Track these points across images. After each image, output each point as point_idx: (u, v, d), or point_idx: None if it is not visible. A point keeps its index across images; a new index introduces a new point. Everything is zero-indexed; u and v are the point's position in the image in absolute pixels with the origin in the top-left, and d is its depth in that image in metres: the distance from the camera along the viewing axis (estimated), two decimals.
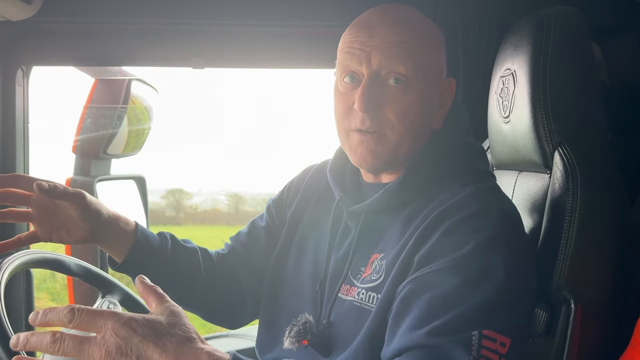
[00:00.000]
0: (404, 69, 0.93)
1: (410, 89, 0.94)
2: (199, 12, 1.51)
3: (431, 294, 0.83)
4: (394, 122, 0.94)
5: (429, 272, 0.85)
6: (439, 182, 0.96)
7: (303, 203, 1.18)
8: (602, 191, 0.97)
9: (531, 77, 1.02)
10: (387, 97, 0.94)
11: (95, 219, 1.05)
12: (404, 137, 0.95)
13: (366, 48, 0.94)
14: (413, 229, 0.92)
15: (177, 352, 0.67)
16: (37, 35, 1.55)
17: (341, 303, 0.99)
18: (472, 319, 0.80)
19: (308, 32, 1.57)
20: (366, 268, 0.98)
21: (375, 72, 0.94)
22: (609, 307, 0.97)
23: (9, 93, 1.57)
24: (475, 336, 0.79)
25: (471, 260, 0.84)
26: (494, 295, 0.82)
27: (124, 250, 1.10)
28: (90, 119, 1.95)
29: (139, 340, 0.66)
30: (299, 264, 1.13)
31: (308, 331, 0.99)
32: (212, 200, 8.73)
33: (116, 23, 1.53)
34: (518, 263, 0.87)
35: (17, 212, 1.07)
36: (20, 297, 1.63)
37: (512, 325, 0.83)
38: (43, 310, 0.67)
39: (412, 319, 0.82)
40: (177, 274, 1.15)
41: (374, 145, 0.95)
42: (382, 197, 0.98)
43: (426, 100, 0.96)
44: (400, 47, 0.93)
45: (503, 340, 0.80)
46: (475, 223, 0.87)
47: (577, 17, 1.04)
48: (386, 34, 0.94)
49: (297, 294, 1.09)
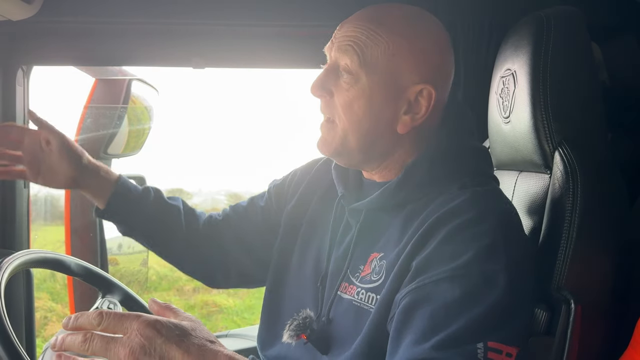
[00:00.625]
0: (349, 62, 0.95)
1: (356, 83, 0.95)
2: (199, 12, 1.50)
3: (433, 306, 0.82)
4: (340, 111, 0.98)
5: (430, 282, 0.85)
6: (438, 184, 0.96)
7: (306, 198, 1.18)
8: (602, 191, 0.97)
9: (531, 78, 1.02)
10: (337, 86, 0.98)
11: (76, 164, 1.20)
12: (349, 129, 0.97)
13: (333, 40, 0.99)
14: (412, 233, 0.92)
15: (199, 353, 0.70)
16: (37, 35, 1.55)
17: (340, 301, 0.99)
18: (476, 330, 0.80)
19: (308, 32, 1.57)
20: (365, 267, 0.98)
21: (334, 62, 0.98)
22: (609, 307, 0.97)
23: (9, 93, 1.57)
24: (481, 349, 0.79)
25: (471, 270, 0.83)
26: (496, 304, 0.81)
27: (105, 198, 1.22)
28: (91, 119, 1.95)
29: (163, 341, 0.69)
30: (302, 260, 1.13)
31: (308, 326, 0.99)
32: (212, 200, 8.71)
33: (117, 23, 1.53)
34: (518, 268, 0.86)
35: (14, 170, 1.22)
36: (20, 297, 1.63)
37: (516, 332, 0.82)
38: (74, 315, 0.73)
39: (416, 331, 0.82)
40: (155, 226, 1.25)
41: (325, 132, 1.01)
42: (381, 196, 0.98)
43: (374, 99, 0.95)
44: (350, 41, 0.95)
45: (509, 350, 0.80)
46: (473, 230, 0.86)
47: (577, 18, 1.04)
48: (347, 28, 0.97)
49: (299, 291, 1.10)
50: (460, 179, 0.95)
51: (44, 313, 4.66)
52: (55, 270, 1.25)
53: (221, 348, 0.72)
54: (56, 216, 5.36)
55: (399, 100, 0.96)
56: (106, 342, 0.70)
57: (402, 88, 0.96)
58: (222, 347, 0.73)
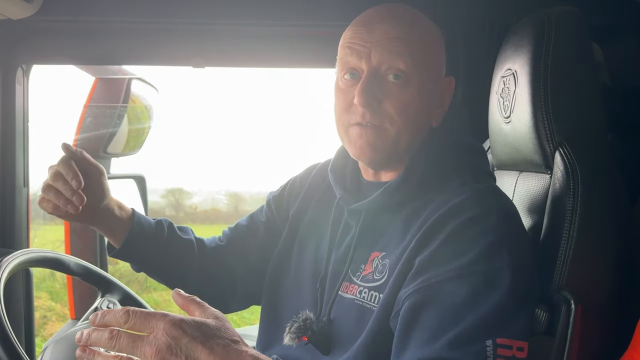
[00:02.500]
0: (403, 65, 0.94)
1: (409, 84, 0.95)
2: (199, 11, 1.50)
3: (441, 306, 0.83)
4: (393, 116, 0.95)
5: (436, 281, 0.85)
6: (438, 182, 0.97)
7: (306, 202, 1.19)
8: (602, 191, 0.97)
9: (532, 78, 1.02)
10: (387, 92, 0.95)
11: (100, 200, 1.12)
12: (403, 132, 0.96)
13: (366, 44, 0.95)
14: (415, 230, 0.92)
15: (224, 353, 0.70)
16: (37, 33, 1.55)
17: (341, 301, 0.99)
18: (483, 328, 0.81)
19: (308, 32, 1.57)
20: (366, 266, 0.98)
21: (375, 68, 0.95)
22: (609, 307, 0.97)
23: (9, 92, 1.57)
24: (490, 346, 0.79)
25: (476, 268, 0.84)
26: (502, 301, 0.82)
27: (119, 237, 1.16)
28: (91, 118, 1.95)
29: (188, 341, 0.69)
30: (300, 262, 1.13)
31: (308, 328, 0.99)
32: (211, 200, 8.73)
33: (116, 22, 1.53)
34: (522, 264, 0.87)
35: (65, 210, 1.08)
36: (19, 296, 1.62)
37: (525, 328, 0.83)
38: (101, 313, 0.73)
39: (425, 331, 0.83)
40: (170, 262, 1.21)
41: (373, 138, 0.96)
42: (382, 196, 0.99)
43: (425, 96, 0.97)
44: (399, 43, 0.94)
45: (520, 345, 0.81)
46: (477, 227, 0.87)
47: (578, 18, 1.04)
48: (386, 30, 0.95)
49: (298, 292, 1.10)
50: (460, 177, 0.96)
51: (44, 312, 4.66)
52: (55, 270, 1.25)
53: (246, 348, 0.72)
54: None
55: (435, 95, 1.00)
56: (133, 340, 0.70)
57: (438, 82, 1.00)
58: (246, 347, 0.73)
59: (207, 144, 9.86)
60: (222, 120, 10.70)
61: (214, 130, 10.01)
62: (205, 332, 0.71)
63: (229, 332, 0.73)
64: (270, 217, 1.24)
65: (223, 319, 0.75)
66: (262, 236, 1.24)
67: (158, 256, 1.19)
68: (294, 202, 1.21)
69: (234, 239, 1.26)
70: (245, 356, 0.71)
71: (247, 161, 9.99)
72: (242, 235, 1.26)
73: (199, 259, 1.23)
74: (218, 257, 1.24)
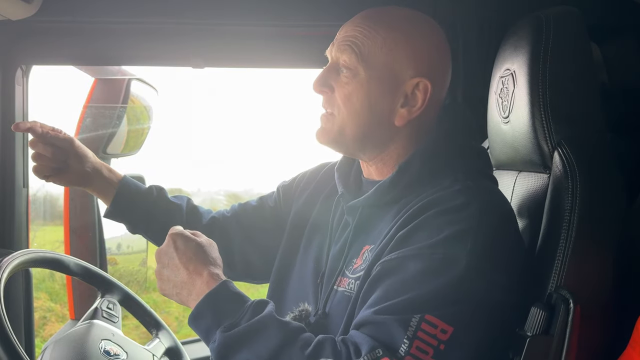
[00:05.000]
0: (347, 59, 1.01)
1: (354, 77, 1.01)
2: (198, 11, 1.51)
3: (391, 280, 0.89)
4: (339, 104, 1.03)
5: (397, 257, 0.91)
6: (431, 180, 0.99)
7: (312, 200, 1.22)
8: (601, 191, 0.97)
9: (530, 78, 1.02)
10: (338, 82, 1.03)
11: (82, 163, 1.26)
12: (347, 121, 1.03)
13: (334, 42, 1.05)
14: (397, 219, 0.96)
15: (194, 258, 0.98)
16: (36, 34, 1.55)
17: (335, 294, 1.03)
18: (418, 304, 0.85)
19: (307, 32, 1.58)
20: (357, 259, 1.02)
21: (335, 62, 1.04)
22: (607, 307, 0.97)
23: (9, 92, 1.57)
24: (416, 319, 0.84)
25: (435, 250, 0.88)
26: (448, 287, 0.86)
27: (109, 198, 1.29)
28: (90, 119, 1.94)
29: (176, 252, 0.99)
30: (304, 259, 1.16)
31: (304, 319, 1.02)
32: (210, 200, 8.71)
33: (116, 22, 1.53)
34: (487, 255, 0.89)
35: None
36: (19, 297, 1.62)
37: (462, 316, 0.86)
38: None
39: (370, 300, 0.89)
40: (156, 224, 1.30)
41: (324, 123, 1.07)
42: (376, 193, 1.03)
43: (372, 92, 1.01)
44: (348, 41, 1.02)
45: (445, 327, 0.85)
46: (451, 216, 0.91)
47: (577, 18, 1.04)
48: (346, 30, 1.03)
49: (301, 289, 1.13)
50: (454, 176, 0.98)
51: (43, 313, 4.66)
52: (54, 270, 1.25)
53: (211, 267, 0.98)
54: (55, 216, 5.36)
55: (396, 93, 1.01)
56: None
57: (399, 82, 1.01)
58: (214, 268, 0.98)
59: (207, 145, 9.85)
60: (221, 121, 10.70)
61: (213, 131, 10.02)
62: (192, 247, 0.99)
63: (210, 257, 0.99)
64: (278, 204, 1.30)
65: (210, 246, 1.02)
66: (268, 219, 1.30)
67: (146, 216, 1.30)
68: (300, 197, 1.25)
69: (240, 213, 1.33)
70: (204, 270, 0.96)
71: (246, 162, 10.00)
72: (248, 213, 1.33)
73: (187, 224, 1.26)
74: (215, 226, 1.32)
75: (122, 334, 1.25)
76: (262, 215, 1.31)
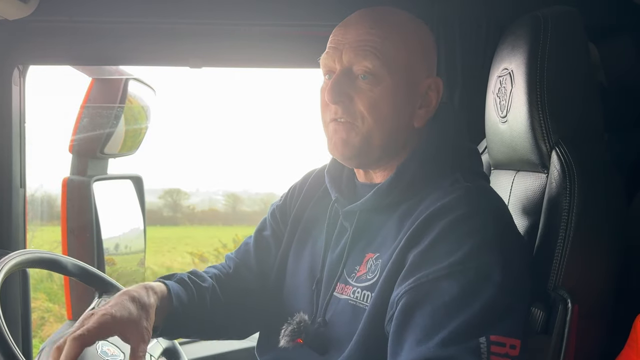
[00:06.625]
0: (370, 65, 0.97)
1: (378, 83, 0.98)
2: (196, 11, 1.50)
3: (433, 305, 0.84)
4: (363, 113, 0.98)
5: (427, 280, 0.86)
6: (429, 182, 0.98)
7: (303, 206, 1.19)
8: (599, 191, 0.97)
9: (528, 77, 1.02)
10: (357, 90, 0.98)
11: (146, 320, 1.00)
12: (374, 129, 0.98)
13: (339, 46, 0.99)
14: (406, 229, 0.93)
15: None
16: (33, 34, 1.55)
17: (336, 302, 1.00)
18: (477, 325, 0.81)
19: (306, 32, 1.57)
20: (361, 267, 0.99)
21: (347, 68, 0.99)
22: (605, 306, 0.97)
23: (6, 92, 1.57)
24: (483, 343, 0.80)
25: (467, 266, 0.85)
26: (493, 298, 0.83)
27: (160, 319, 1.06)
28: (87, 119, 1.94)
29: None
30: (296, 265, 1.14)
31: (302, 330, 1.00)
32: (209, 201, 8.72)
33: (113, 22, 1.53)
34: (513, 262, 0.88)
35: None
36: (16, 298, 1.62)
37: (517, 326, 0.84)
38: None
39: (418, 331, 0.83)
40: (204, 317, 1.13)
41: (346, 134, 0.99)
42: (374, 196, 1.00)
43: (398, 96, 0.99)
44: (367, 45, 0.97)
45: (513, 342, 0.82)
46: (467, 226, 0.88)
47: (575, 18, 1.04)
48: (357, 32, 0.98)
49: (294, 295, 1.11)
50: (451, 176, 0.97)
51: (41, 314, 4.65)
52: (52, 271, 1.25)
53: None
54: (53, 216, 5.35)
55: (415, 95, 1.01)
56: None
57: (417, 83, 1.01)
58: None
59: (205, 145, 9.85)
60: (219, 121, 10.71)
61: (211, 131, 10.01)
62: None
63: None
64: (276, 228, 1.22)
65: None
66: (273, 250, 1.20)
67: (196, 323, 1.13)
68: (293, 208, 1.21)
69: (246, 260, 1.21)
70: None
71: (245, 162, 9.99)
72: (253, 255, 1.21)
73: (223, 297, 1.16)
74: (234, 285, 1.18)
75: None
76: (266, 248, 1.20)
